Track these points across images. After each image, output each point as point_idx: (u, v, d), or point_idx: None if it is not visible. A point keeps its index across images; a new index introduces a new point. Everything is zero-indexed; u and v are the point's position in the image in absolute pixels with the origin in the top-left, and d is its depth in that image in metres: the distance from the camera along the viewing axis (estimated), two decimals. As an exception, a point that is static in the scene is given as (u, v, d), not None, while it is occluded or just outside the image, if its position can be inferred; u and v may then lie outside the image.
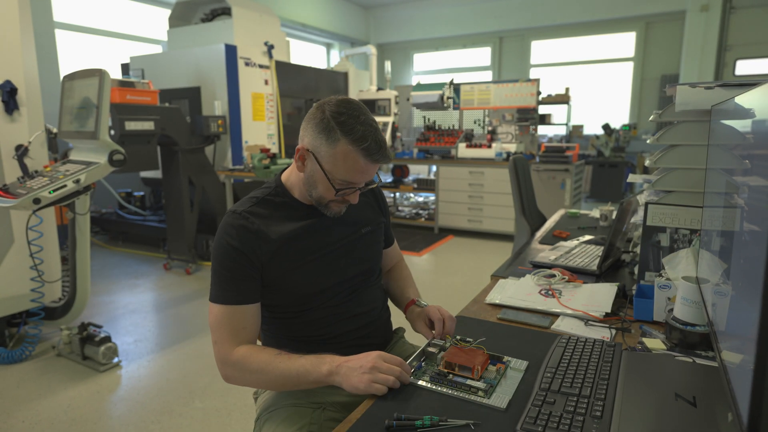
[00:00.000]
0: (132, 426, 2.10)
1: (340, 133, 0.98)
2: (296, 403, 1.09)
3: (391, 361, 0.91)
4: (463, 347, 1.01)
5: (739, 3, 7.09)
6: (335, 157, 0.99)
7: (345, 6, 9.30)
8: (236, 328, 1.03)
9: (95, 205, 5.38)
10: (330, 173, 1.01)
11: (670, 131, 1.28)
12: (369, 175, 1.04)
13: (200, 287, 3.91)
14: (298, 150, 1.04)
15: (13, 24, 2.61)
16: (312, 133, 1.01)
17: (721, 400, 0.80)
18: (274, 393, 1.15)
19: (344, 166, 0.99)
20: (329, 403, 1.09)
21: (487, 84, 5.97)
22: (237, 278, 1.03)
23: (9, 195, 2.30)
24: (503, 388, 0.90)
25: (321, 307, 1.11)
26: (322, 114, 1.00)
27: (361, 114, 1.00)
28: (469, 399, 0.86)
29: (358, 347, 1.09)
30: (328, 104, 1.01)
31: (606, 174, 7.60)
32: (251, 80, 4.86)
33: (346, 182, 1.02)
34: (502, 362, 0.98)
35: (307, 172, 1.05)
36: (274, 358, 0.99)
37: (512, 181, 3.01)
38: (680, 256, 1.16)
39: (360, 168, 1.00)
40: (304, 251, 1.08)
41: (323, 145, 0.99)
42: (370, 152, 0.99)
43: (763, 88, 0.63)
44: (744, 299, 0.60)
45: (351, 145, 0.98)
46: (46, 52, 5.06)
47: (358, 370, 0.90)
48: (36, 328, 2.73)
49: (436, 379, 0.92)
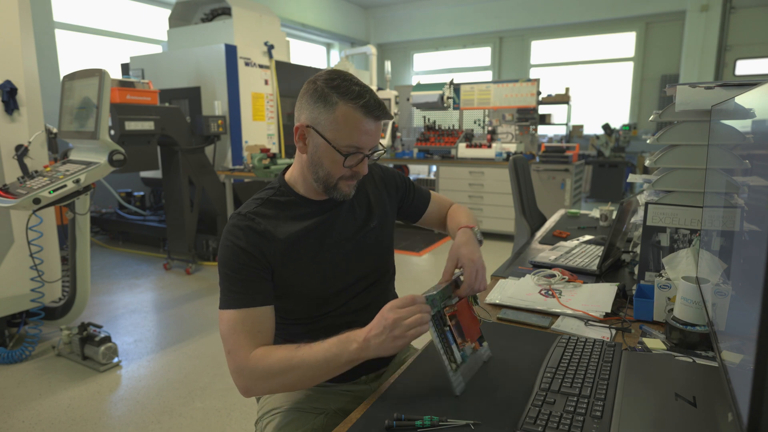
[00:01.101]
0: (132, 426, 2.10)
1: (336, 96, 0.95)
2: (298, 408, 1.08)
3: (404, 305, 0.87)
4: (472, 306, 1.01)
5: (739, 3, 7.09)
6: (336, 122, 0.96)
7: (345, 6, 9.30)
8: (251, 332, 0.95)
9: (95, 205, 5.38)
10: (334, 141, 0.97)
11: (670, 131, 1.28)
12: (373, 137, 1.00)
13: (200, 287, 3.91)
14: (297, 129, 1.00)
15: (13, 24, 2.61)
16: (308, 106, 0.98)
17: (721, 400, 0.80)
18: (276, 396, 1.12)
19: (347, 128, 0.96)
20: (332, 410, 1.08)
21: (487, 84, 5.97)
22: (247, 280, 0.97)
23: (9, 195, 2.30)
24: (466, 370, 0.93)
25: (334, 313, 1.08)
26: (315, 85, 0.98)
27: (353, 78, 0.99)
28: (442, 362, 0.88)
29: None
30: (318, 77, 0.99)
31: (606, 174, 7.60)
32: (251, 80, 4.86)
33: (352, 147, 0.98)
34: (481, 344, 1.00)
35: (310, 151, 1.01)
36: (295, 351, 0.91)
37: (512, 181, 3.01)
38: (680, 256, 1.17)
39: (363, 128, 0.97)
40: (314, 249, 1.04)
41: (322, 113, 0.97)
42: (370, 108, 0.96)
43: (763, 88, 0.63)
44: (744, 299, 0.60)
45: (350, 103, 0.95)
46: (46, 52, 5.06)
47: (385, 334, 0.86)
48: (36, 328, 2.73)
49: (437, 319, 0.90)
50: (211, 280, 4.09)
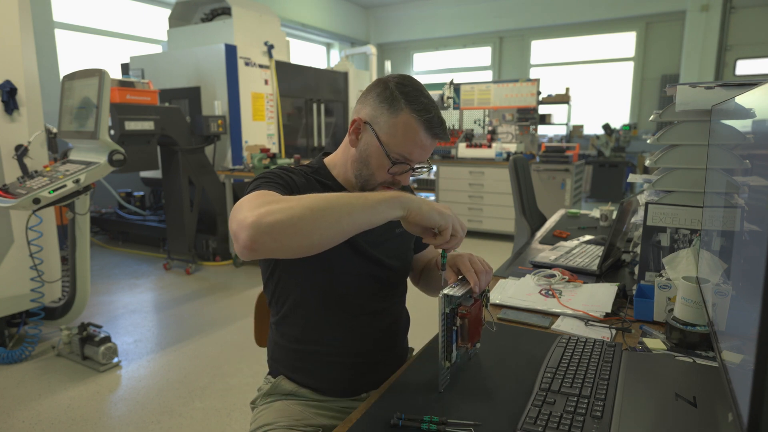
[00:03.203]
0: (132, 426, 2.10)
1: (404, 102, 0.96)
2: (292, 426, 1.03)
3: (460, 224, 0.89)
4: (482, 309, 0.99)
5: (739, 3, 7.09)
6: (395, 127, 0.96)
7: (345, 6, 9.30)
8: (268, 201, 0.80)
9: (95, 205, 5.38)
10: (387, 145, 0.97)
11: (671, 131, 1.28)
12: (425, 152, 0.99)
13: (200, 287, 3.91)
14: (354, 122, 0.99)
15: (13, 24, 2.61)
16: (373, 103, 0.98)
17: (721, 400, 0.80)
18: (270, 410, 1.06)
19: (403, 136, 0.96)
20: (327, 427, 1.04)
21: (487, 84, 5.97)
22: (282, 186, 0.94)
23: (9, 195, 2.30)
24: (455, 369, 0.94)
25: (341, 310, 1.05)
26: (385, 85, 0.98)
27: (424, 90, 0.99)
28: (438, 357, 0.89)
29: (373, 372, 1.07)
30: (390, 78, 0.99)
31: (606, 174, 7.60)
32: (251, 80, 4.86)
33: (401, 156, 0.97)
34: (475, 345, 1.00)
35: (360, 147, 1.00)
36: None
37: (512, 181, 3.01)
38: (680, 256, 1.16)
39: (419, 141, 0.97)
40: None
41: (384, 114, 0.97)
42: (432, 125, 0.96)
43: (763, 88, 0.63)
44: (744, 299, 0.60)
45: (414, 114, 0.95)
46: (46, 52, 5.06)
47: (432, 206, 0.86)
48: (36, 328, 2.73)
49: (449, 317, 0.88)
50: (211, 280, 4.09)
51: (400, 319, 1.18)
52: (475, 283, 0.94)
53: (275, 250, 0.77)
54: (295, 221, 0.75)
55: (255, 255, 0.77)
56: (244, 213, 0.76)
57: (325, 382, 1.07)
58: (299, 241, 0.76)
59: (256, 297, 1.34)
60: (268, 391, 1.11)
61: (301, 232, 0.76)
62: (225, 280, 4.11)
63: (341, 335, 1.06)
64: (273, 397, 1.10)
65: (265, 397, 1.12)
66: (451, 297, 0.88)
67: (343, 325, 1.06)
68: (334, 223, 0.78)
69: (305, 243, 0.77)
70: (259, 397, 1.14)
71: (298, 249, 0.78)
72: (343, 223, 0.78)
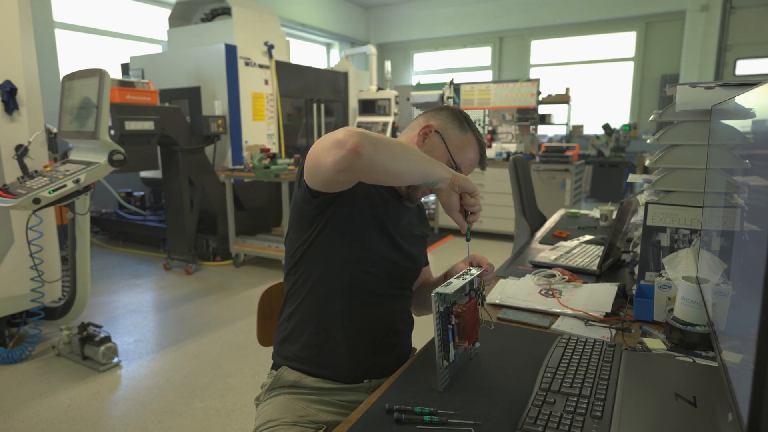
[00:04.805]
0: (132, 426, 2.10)
1: (470, 128, 1.15)
2: (296, 422, 1.05)
3: None
4: (478, 308, 1.00)
5: (739, 3, 7.09)
6: (463, 142, 1.12)
7: (345, 6, 9.30)
8: None
9: (95, 205, 5.38)
10: (454, 153, 1.12)
11: (670, 131, 1.28)
12: (468, 169, 1.16)
13: (200, 287, 3.91)
14: (425, 127, 1.12)
15: (13, 24, 2.61)
16: (444, 118, 1.14)
17: (721, 400, 0.80)
18: (274, 405, 1.09)
19: (466, 153, 1.13)
20: (331, 423, 1.06)
21: (487, 84, 5.97)
22: None
23: (9, 195, 2.30)
24: (454, 368, 0.93)
25: (365, 286, 1.09)
26: (457, 111, 1.16)
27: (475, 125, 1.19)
28: (437, 358, 0.88)
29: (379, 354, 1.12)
30: (459, 110, 1.18)
31: (606, 174, 7.60)
32: (251, 80, 4.86)
33: (456, 164, 1.12)
34: (474, 344, 1.00)
35: (425, 148, 1.11)
36: None
37: (512, 181, 3.01)
38: (680, 256, 1.17)
39: (471, 160, 1.14)
40: (374, 212, 1.09)
41: (455, 129, 1.13)
42: (483, 153, 1.17)
43: (763, 88, 0.63)
44: (744, 299, 0.60)
45: (474, 139, 1.14)
46: (46, 52, 5.06)
47: (466, 179, 0.99)
48: (36, 328, 2.73)
49: (444, 315, 0.89)
50: (211, 280, 4.10)
51: (408, 313, 1.24)
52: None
53: (371, 162, 0.85)
54: (392, 146, 0.88)
55: (354, 163, 0.84)
56: (343, 132, 0.85)
57: (333, 366, 1.10)
58: (391, 164, 0.88)
59: (257, 297, 1.34)
60: (272, 385, 1.13)
61: (394, 156, 0.89)
62: (225, 280, 4.11)
63: (357, 315, 1.10)
64: (276, 391, 1.12)
65: (268, 392, 1.14)
66: (445, 295, 0.88)
67: (360, 302, 1.10)
68: (414, 161, 0.92)
69: (393, 168, 0.88)
70: (263, 393, 1.16)
71: (386, 172, 0.88)
72: (418, 164, 0.93)
